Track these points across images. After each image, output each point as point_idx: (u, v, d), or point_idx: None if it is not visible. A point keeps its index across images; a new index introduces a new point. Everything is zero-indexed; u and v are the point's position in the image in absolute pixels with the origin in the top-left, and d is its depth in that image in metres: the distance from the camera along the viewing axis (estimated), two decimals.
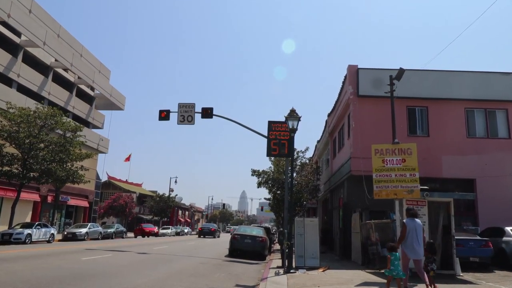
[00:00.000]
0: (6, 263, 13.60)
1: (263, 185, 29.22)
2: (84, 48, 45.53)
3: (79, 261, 15.26)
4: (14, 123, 27.36)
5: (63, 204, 41.76)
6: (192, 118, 22.05)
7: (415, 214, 10.11)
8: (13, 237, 24.80)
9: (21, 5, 34.13)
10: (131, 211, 62.15)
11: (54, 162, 28.97)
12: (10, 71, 33.44)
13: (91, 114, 47.96)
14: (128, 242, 33.93)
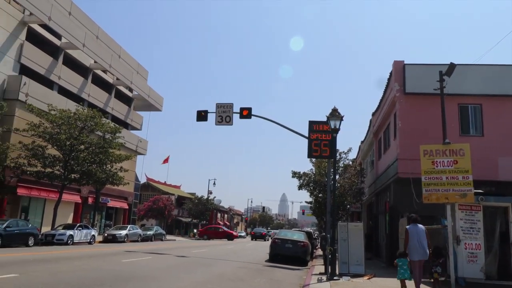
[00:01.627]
0: (49, 264, 14.28)
1: (304, 188, 29.08)
2: (122, 49, 47.01)
3: (120, 263, 15.79)
4: (55, 125, 28.65)
5: (103, 205, 43.27)
6: (230, 119, 22.26)
7: (416, 219, 11.20)
8: (55, 238, 25.98)
9: (61, 7, 35.70)
10: (170, 213, 63.40)
11: (94, 164, 30.10)
12: (51, 74, 35.05)
13: (130, 115, 49.43)
14: (167, 244, 34.72)
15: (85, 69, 40.71)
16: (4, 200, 29.23)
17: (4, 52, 30.33)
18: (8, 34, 30.68)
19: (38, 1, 31.10)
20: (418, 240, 10.68)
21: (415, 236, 10.75)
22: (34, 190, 31.48)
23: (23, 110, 30.19)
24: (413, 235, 10.80)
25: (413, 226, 11.02)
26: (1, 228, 21.37)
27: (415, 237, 10.74)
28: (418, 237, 10.72)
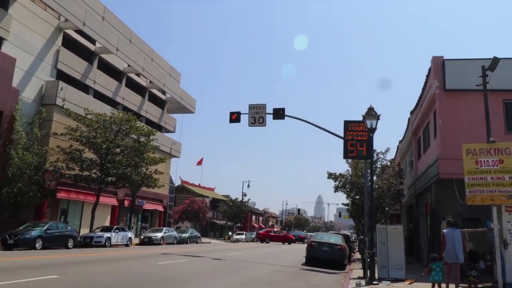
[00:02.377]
0: (88, 266, 14.78)
1: (340, 190, 28.83)
2: (154, 52, 48.01)
3: (156, 266, 16.16)
4: (91, 129, 29.59)
5: (139, 208, 44.28)
6: (264, 120, 22.34)
7: (454, 224, 11.59)
8: (93, 240, 26.82)
9: (94, 12, 36.84)
10: (205, 215, 64.10)
11: (130, 167, 30.88)
12: (87, 78, 36.23)
13: (163, 118, 50.39)
14: (202, 247, 35.16)
15: (119, 73, 41.83)
16: (45, 203, 30.40)
17: (41, 58, 31.58)
18: (45, 41, 31.93)
19: (73, 7, 32.22)
20: (453, 244, 11.09)
21: (451, 240, 11.15)
22: (73, 193, 32.62)
23: (61, 114, 31.32)
24: (449, 239, 11.18)
25: (450, 230, 11.36)
26: (42, 230, 22.26)
27: (450, 241, 11.14)
28: (454, 241, 11.14)
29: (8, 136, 26.95)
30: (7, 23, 27.82)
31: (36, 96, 31.15)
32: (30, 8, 30.57)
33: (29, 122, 29.25)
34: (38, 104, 31.16)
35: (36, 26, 31.04)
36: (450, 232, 11.36)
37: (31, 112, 30.07)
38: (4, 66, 26.30)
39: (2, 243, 20.81)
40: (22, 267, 13.36)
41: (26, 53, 30.04)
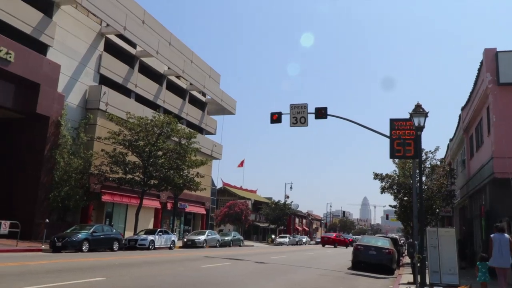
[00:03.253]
0: (133, 268, 15.25)
1: (387, 191, 28.33)
2: (194, 54, 48.84)
3: (199, 269, 16.45)
4: (134, 132, 30.48)
5: (182, 211, 45.15)
6: (305, 120, 22.26)
7: (502, 229, 11.74)
8: (138, 243, 27.60)
9: (135, 16, 37.92)
10: (247, 218, 64.48)
11: (172, 169, 31.57)
12: (128, 82, 37.34)
13: (204, 120, 51.15)
14: (245, 250, 35.43)
15: (159, 76, 42.83)
16: (90, 207, 31.58)
17: (85, 63, 32.84)
18: (88, 46, 33.18)
19: (114, 12, 33.31)
20: (499, 249, 11.31)
21: (497, 245, 11.38)
22: (117, 196, 33.71)
23: (104, 118, 32.45)
24: (495, 243, 11.43)
25: (497, 235, 11.56)
26: (88, 233, 23.13)
27: (496, 246, 11.37)
28: (500, 246, 11.35)
29: (55, 141, 28.18)
30: (52, 31, 29.12)
31: (80, 101, 32.41)
32: (73, 15, 31.85)
33: (74, 127, 30.48)
34: (82, 109, 32.41)
35: (79, 32, 32.32)
36: (497, 237, 11.53)
37: (76, 117, 31.32)
38: (49, 73, 27.52)
39: (51, 246, 21.78)
40: (70, 269, 13.94)
41: (70, 59, 31.31)
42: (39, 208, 26.89)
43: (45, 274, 12.31)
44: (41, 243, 23.03)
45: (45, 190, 27.24)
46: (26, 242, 23.29)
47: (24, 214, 25.05)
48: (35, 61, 26.55)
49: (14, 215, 23.71)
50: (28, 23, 27.33)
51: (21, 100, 26.38)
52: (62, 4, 30.44)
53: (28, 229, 24.30)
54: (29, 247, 21.60)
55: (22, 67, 25.38)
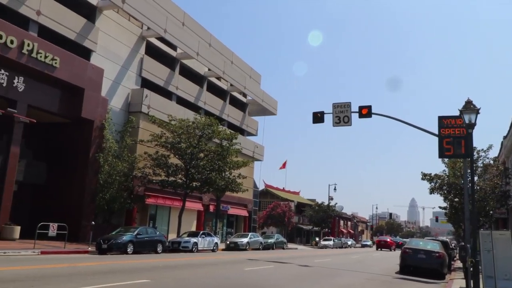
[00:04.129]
0: (177, 271, 15.59)
1: (436, 192, 27.61)
2: (234, 54, 49.29)
3: (242, 271, 16.61)
4: (176, 135, 31.11)
5: (224, 213, 45.65)
6: (349, 119, 22.02)
7: None
8: (181, 245, 28.13)
9: (175, 19, 38.72)
10: (290, 220, 64.33)
11: (213, 171, 31.99)
12: (169, 84, 38.17)
13: (245, 121, 51.51)
14: (288, 253, 35.41)
15: (200, 77, 43.51)
16: (134, 209, 32.49)
17: (127, 67, 33.84)
18: (130, 50, 34.19)
19: (154, 15, 34.15)
20: None
21: None
22: (160, 198, 34.52)
23: (146, 121, 33.30)
24: None
25: None
26: (132, 235, 23.79)
27: None
28: None
29: (99, 144, 29.19)
30: (95, 36, 30.20)
31: (123, 104, 33.41)
32: (115, 19, 32.90)
33: (118, 130, 31.46)
34: (125, 112, 33.40)
35: (121, 36, 33.34)
36: None
37: (120, 120, 32.32)
38: (93, 77, 28.54)
39: (97, 248, 22.55)
40: (116, 271, 14.42)
41: (113, 63, 32.34)
42: (86, 210, 27.94)
43: (93, 275, 12.79)
44: (88, 245, 23.88)
45: (91, 193, 28.29)
46: (74, 244, 24.23)
47: (71, 217, 26.07)
48: (79, 66, 27.62)
49: (61, 217, 24.73)
50: (72, 29, 28.47)
51: (66, 104, 27.49)
52: (104, 9, 31.52)
53: (75, 231, 25.27)
54: (77, 249, 22.47)
55: (67, 72, 26.46)
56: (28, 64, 24.16)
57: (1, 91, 23.49)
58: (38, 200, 28.84)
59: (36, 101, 25.51)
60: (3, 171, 23.99)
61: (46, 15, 26.86)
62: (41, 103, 25.91)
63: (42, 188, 28.49)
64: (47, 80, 25.92)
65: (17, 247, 20.40)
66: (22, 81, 24.53)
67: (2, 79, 23.49)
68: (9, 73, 23.83)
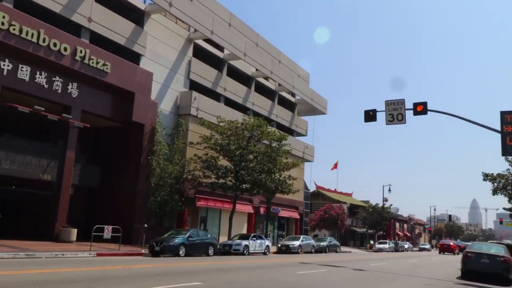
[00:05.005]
0: (228, 274, 15.81)
1: (500, 192, 26.55)
2: (281, 53, 49.35)
3: (295, 275, 16.61)
4: (225, 136, 31.55)
5: (275, 215, 45.75)
6: (403, 117, 21.57)
7: None
8: (232, 248, 28.51)
9: (221, 20, 39.26)
10: (343, 223, 63.75)
11: (263, 173, 32.18)
12: (217, 86, 38.76)
13: (294, 121, 51.44)
14: (342, 256, 35.04)
15: (248, 78, 43.88)
16: (185, 211, 33.21)
17: (175, 70, 34.67)
18: (178, 53, 35.01)
19: (201, 17, 34.78)
20: None
21: None
22: (210, 201, 35.12)
23: (195, 124, 33.97)
24: None
25: None
26: (184, 238, 24.36)
27: None
28: None
29: (150, 147, 30.09)
30: (143, 40, 31.16)
31: (173, 107, 34.25)
32: (163, 23, 33.80)
33: (168, 134, 32.29)
34: (174, 115, 34.22)
35: (169, 39, 34.20)
36: None
37: (169, 123, 33.15)
38: (143, 81, 29.48)
39: (150, 250, 23.27)
40: (169, 273, 14.83)
41: (161, 67, 33.23)
42: (138, 213, 28.92)
43: (147, 277, 13.22)
44: (141, 247, 24.68)
45: (143, 196, 29.23)
46: (127, 246, 25.10)
47: (124, 219, 27.07)
48: (129, 70, 28.61)
49: (115, 220, 25.72)
50: (121, 34, 29.51)
51: (117, 109, 28.54)
52: (152, 13, 32.45)
53: (128, 234, 26.22)
54: (130, 251, 23.27)
55: (117, 77, 27.49)
56: (81, 70, 25.31)
57: (56, 98, 24.76)
58: (92, 203, 30.16)
59: (89, 106, 26.68)
60: (60, 175, 25.28)
61: (97, 22, 27.99)
62: (94, 108, 27.06)
63: (96, 191, 29.70)
64: (99, 85, 27.03)
65: (75, 249, 21.39)
66: (75, 87, 25.73)
67: (57, 86, 24.74)
68: (64, 79, 25.08)
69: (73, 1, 26.51)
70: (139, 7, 31.71)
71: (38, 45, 23.17)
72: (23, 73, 23.18)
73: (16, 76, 22.85)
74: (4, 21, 21.64)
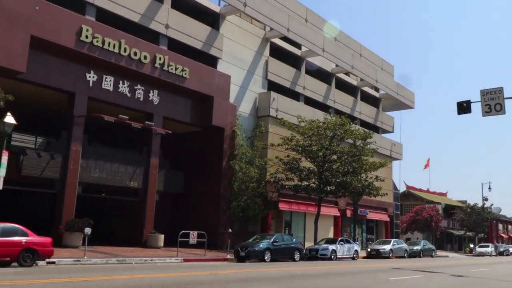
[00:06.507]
0: (316, 279, 15.75)
1: None
2: (362, 46, 48.35)
3: (387, 281, 16.20)
4: (306, 137, 31.48)
5: (362, 218, 44.89)
6: (502, 107, 20.31)
7: None
8: (319, 253, 28.37)
9: (297, 16, 39.22)
10: (438, 225, 61.27)
11: (348, 174, 31.69)
12: (296, 85, 38.79)
13: (379, 117, 50.18)
14: (438, 261, 33.65)
15: (327, 75, 43.47)
16: (269, 215, 33.56)
17: (252, 71, 35.18)
18: (254, 53, 35.50)
19: (276, 15, 34.98)
20: None
21: None
22: (294, 204, 35.20)
23: (275, 125, 34.24)
24: None
25: None
26: (269, 243, 24.63)
27: None
28: None
29: (231, 151, 30.79)
30: (220, 43, 31.96)
31: (251, 109, 34.77)
32: (238, 24, 34.45)
33: (248, 136, 32.82)
34: (253, 117, 34.72)
35: (245, 40, 34.79)
36: None
37: (249, 126, 33.68)
38: (221, 85, 30.27)
39: (235, 255, 23.81)
40: (255, 279, 15.07)
41: (238, 68, 33.87)
42: (222, 218, 29.72)
43: (233, 283, 13.54)
44: (226, 252, 25.32)
45: (226, 201, 29.99)
46: (213, 252, 25.88)
47: (208, 224, 27.98)
48: (207, 74, 29.54)
49: (199, 225, 26.65)
50: (198, 38, 30.48)
51: (197, 114, 29.56)
52: (227, 15, 33.20)
53: (213, 239, 27.04)
54: (216, 257, 23.98)
55: (196, 82, 28.49)
56: (160, 77, 26.56)
57: (139, 105, 26.18)
58: (177, 209, 31.45)
59: (170, 112, 27.91)
60: (145, 182, 26.66)
61: (174, 28, 29.14)
62: (175, 114, 28.26)
63: (180, 197, 30.89)
64: (179, 91, 28.18)
65: (162, 254, 22.44)
66: (156, 94, 27.04)
67: (139, 94, 26.14)
68: (145, 87, 26.46)
69: (150, 9, 27.82)
70: (214, 10, 32.56)
71: (120, 55, 24.64)
72: (107, 83, 24.79)
73: (100, 87, 24.52)
74: (88, 34, 23.26)
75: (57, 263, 17.32)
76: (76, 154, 23.51)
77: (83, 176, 24.24)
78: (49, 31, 22.03)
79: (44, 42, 21.96)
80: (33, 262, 16.13)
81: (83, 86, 23.87)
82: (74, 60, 23.52)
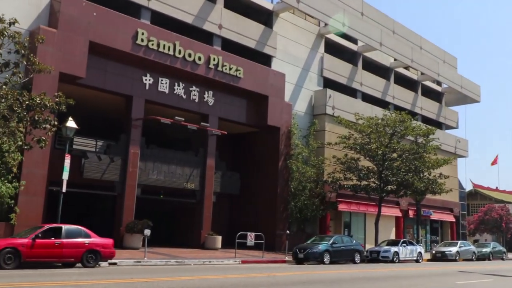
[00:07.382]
0: (378, 283, 15.51)
1: None
2: (422, 39, 47.00)
3: (454, 285, 15.73)
4: (364, 135, 30.98)
5: (426, 219, 43.68)
6: None
7: None
8: (380, 255, 27.85)
9: (352, 10, 38.58)
10: (509, 226, 58.83)
11: (410, 172, 30.93)
12: (353, 81, 38.24)
13: (442, 112, 48.65)
14: (510, 265, 32.21)
15: (385, 69, 42.59)
16: (327, 216, 33.30)
17: (307, 69, 35.00)
18: (309, 50, 35.29)
19: (331, 10, 34.53)
20: None
21: None
22: (353, 204, 34.73)
23: (332, 123, 33.91)
24: None
25: None
26: (328, 244, 24.45)
27: None
28: None
29: (288, 151, 30.80)
30: (273, 41, 32.02)
31: (307, 107, 34.60)
32: (291, 21, 34.35)
33: (304, 135, 32.71)
34: (309, 116, 34.54)
35: (299, 37, 34.66)
36: None
37: (304, 125, 33.53)
38: (275, 83, 30.34)
39: (294, 257, 23.79)
40: (314, 282, 15.01)
41: (293, 66, 33.79)
42: (279, 219, 29.74)
43: (292, 285, 13.60)
44: (284, 254, 25.38)
45: (283, 201, 30.01)
46: (271, 253, 26.00)
47: (265, 226, 28.09)
48: (261, 73, 29.71)
49: (256, 226, 26.88)
50: (251, 37, 30.67)
51: (252, 114, 29.81)
52: (280, 12, 33.20)
53: (270, 240, 27.12)
54: (274, 259, 24.07)
55: (250, 81, 28.71)
56: (215, 78, 26.99)
57: (194, 107, 26.75)
58: (234, 210, 31.82)
59: (225, 113, 28.32)
60: (202, 183, 27.20)
61: (227, 28, 29.47)
62: (230, 115, 28.63)
63: (237, 198, 31.24)
64: (233, 91, 28.53)
65: (220, 256, 22.79)
66: (211, 95, 27.52)
67: (194, 95, 26.70)
68: (200, 88, 26.99)
69: (203, 10, 28.28)
70: (267, 8, 32.65)
71: (175, 57, 25.26)
72: (163, 86, 25.50)
73: (157, 89, 25.25)
74: (143, 38, 24.00)
75: (118, 264, 17.98)
76: (134, 156, 24.32)
77: (142, 178, 25.03)
78: (106, 36, 22.91)
79: (102, 47, 22.87)
80: (96, 263, 16.82)
81: (139, 89, 24.67)
82: (131, 63, 24.37)
